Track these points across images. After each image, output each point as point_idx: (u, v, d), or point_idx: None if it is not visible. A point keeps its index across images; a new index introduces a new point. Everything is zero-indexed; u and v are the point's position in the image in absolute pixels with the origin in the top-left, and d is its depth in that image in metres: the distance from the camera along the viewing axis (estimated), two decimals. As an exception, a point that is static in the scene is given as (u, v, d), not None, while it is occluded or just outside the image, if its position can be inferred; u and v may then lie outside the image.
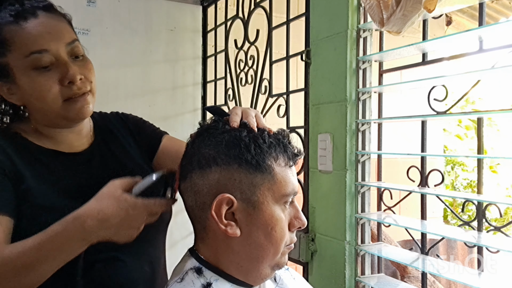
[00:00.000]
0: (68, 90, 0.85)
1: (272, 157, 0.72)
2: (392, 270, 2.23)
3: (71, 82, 0.85)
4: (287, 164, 0.73)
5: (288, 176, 0.73)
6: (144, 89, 2.02)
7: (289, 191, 0.72)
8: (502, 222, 2.34)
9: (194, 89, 2.15)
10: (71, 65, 0.85)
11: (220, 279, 0.72)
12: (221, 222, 0.70)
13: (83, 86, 0.87)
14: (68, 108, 0.86)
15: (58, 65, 0.84)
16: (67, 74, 0.84)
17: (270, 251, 0.72)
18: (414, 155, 1.12)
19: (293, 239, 0.77)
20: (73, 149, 0.92)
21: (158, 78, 2.05)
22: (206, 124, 0.77)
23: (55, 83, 0.84)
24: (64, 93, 0.85)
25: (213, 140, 0.73)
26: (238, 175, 0.70)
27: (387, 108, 1.23)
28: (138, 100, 2.00)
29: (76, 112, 0.87)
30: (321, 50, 1.30)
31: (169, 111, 2.07)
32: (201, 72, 2.16)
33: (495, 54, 0.93)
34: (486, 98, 3.80)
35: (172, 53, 2.08)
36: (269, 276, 0.76)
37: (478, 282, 0.91)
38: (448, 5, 0.94)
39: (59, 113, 0.86)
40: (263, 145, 0.71)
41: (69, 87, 0.85)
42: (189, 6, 2.13)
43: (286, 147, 0.74)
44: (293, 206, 0.75)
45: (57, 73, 0.84)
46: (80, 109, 0.87)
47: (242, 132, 0.73)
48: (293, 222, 0.75)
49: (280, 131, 0.77)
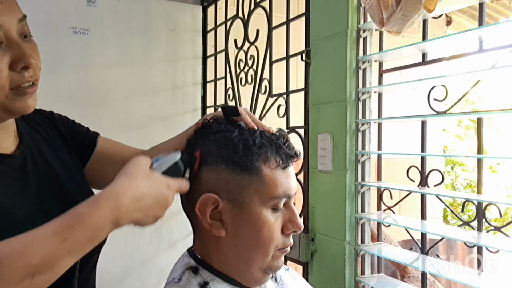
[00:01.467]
0: (19, 77, 0.70)
1: (262, 159, 0.70)
2: (392, 270, 2.23)
3: (25, 67, 0.70)
4: (279, 166, 0.72)
5: (279, 178, 0.71)
6: (144, 89, 2.02)
7: (279, 193, 0.71)
8: (502, 222, 2.34)
9: (194, 89, 2.15)
10: (24, 46, 0.71)
11: (217, 279, 0.72)
12: (206, 221, 0.71)
13: (34, 73, 0.73)
14: (14, 98, 0.71)
15: (9, 45, 0.69)
16: (22, 57, 0.70)
17: (258, 253, 0.71)
18: (414, 155, 1.12)
19: (287, 243, 0.74)
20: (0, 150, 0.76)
21: (158, 78, 2.05)
22: (207, 122, 0.77)
23: (4, 67, 0.69)
24: (14, 80, 0.70)
25: (206, 139, 0.73)
26: (225, 176, 0.70)
27: (387, 108, 1.23)
28: (138, 100, 2.00)
29: (22, 105, 0.72)
30: (321, 50, 1.31)
31: (169, 111, 2.07)
32: (201, 72, 2.16)
33: (495, 54, 0.92)
34: (486, 98, 3.79)
35: (172, 53, 2.08)
36: (263, 280, 0.75)
37: (478, 282, 0.91)
38: (448, 5, 0.94)
39: (1, 103, 0.70)
40: (252, 146, 0.71)
41: (20, 74, 0.70)
42: (189, 6, 2.13)
43: (280, 148, 0.72)
44: (288, 209, 0.74)
45: (7, 55, 0.69)
46: (27, 101, 0.72)
47: (233, 132, 0.72)
48: (287, 225, 0.73)
49: (277, 132, 0.76)
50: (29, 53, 0.70)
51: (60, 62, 1.82)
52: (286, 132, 0.79)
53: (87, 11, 1.89)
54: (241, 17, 1.80)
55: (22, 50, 0.70)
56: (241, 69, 1.81)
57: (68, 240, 0.58)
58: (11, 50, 0.69)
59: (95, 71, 1.89)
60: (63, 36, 1.83)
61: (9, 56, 0.69)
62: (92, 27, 1.90)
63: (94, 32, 1.90)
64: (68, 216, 0.60)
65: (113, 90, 1.95)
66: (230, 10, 1.93)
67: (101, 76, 1.91)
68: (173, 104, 2.09)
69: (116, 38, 1.95)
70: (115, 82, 1.95)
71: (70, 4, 1.85)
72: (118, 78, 1.96)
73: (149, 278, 1.98)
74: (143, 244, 1.98)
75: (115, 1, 1.95)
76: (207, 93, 2.15)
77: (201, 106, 2.16)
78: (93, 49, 1.89)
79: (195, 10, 2.14)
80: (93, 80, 1.89)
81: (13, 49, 0.69)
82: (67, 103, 1.82)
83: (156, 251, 2.01)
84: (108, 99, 1.93)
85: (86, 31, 1.88)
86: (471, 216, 1.82)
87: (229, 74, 1.91)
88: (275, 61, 1.59)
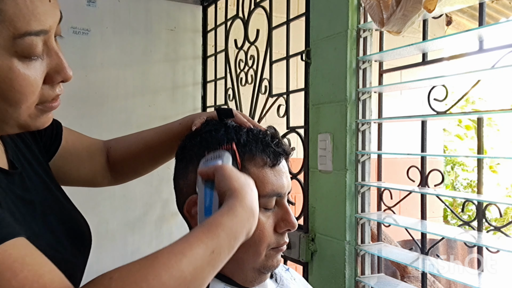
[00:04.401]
0: (52, 92, 0.59)
1: (247, 157, 0.69)
2: (392, 270, 2.23)
3: (62, 81, 0.60)
4: (267, 164, 0.70)
5: (267, 176, 0.70)
6: (144, 89, 2.02)
7: (267, 192, 0.69)
8: (502, 222, 2.35)
9: (194, 89, 2.15)
10: (63, 56, 0.60)
11: (214, 279, 0.72)
12: (193, 222, 0.70)
13: (61, 88, 0.62)
14: (37, 115, 0.59)
15: (47, 53, 0.57)
16: (62, 70, 0.59)
17: (249, 253, 0.69)
18: (414, 155, 1.12)
19: (281, 242, 0.72)
20: None
21: (158, 78, 2.05)
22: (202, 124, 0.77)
23: (40, 81, 0.57)
24: (46, 95, 0.59)
25: (196, 140, 0.73)
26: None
27: (387, 108, 1.23)
28: (138, 100, 2.00)
29: (43, 122, 0.61)
30: (321, 50, 1.31)
31: (169, 111, 2.07)
32: (201, 72, 2.16)
33: (495, 54, 0.92)
34: (486, 98, 3.80)
35: (172, 53, 2.08)
36: (258, 279, 0.73)
37: (478, 282, 0.91)
38: (448, 5, 0.94)
39: (22, 120, 0.58)
40: (237, 145, 0.69)
41: (52, 88, 0.60)
42: (189, 6, 2.13)
43: (267, 146, 0.71)
44: (281, 207, 0.72)
45: (45, 65, 0.57)
46: (48, 117, 0.62)
47: (219, 131, 0.72)
48: (280, 224, 0.71)
49: (266, 130, 0.74)
50: (68, 65, 0.59)
51: (60, 62, 1.82)
52: (277, 130, 0.76)
53: (87, 11, 1.89)
54: (241, 17, 1.80)
55: (61, 61, 0.58)
56: (241, 69, 1.81)
57: (215, 252, 0.53)
58: (49, 59, 0.58)
59: (95, 71, 1.89)
60: (63, 36, 1.83)
61: (46, 66, 0.57)
62: (92, 27, 1.90)
63: (94, 32, 1.90)
64: (211, 226, 0.55)
65: (113, 90, 1.95)
66: (230, 10, 1.93)
67: (101, 76, 1.91)
68: (173, 104, 2.09)
69: (116, 38, 1.95)
70: (115, 82, 1.95)
71: (70, 4, 1.85)
72: (118, 78, 1.96)
73: (149, 278, 1.98)
74: (143, 244, 1.98)
75: (115, 1, 1.95)
76: (207, 93, 2.15)
77: (201, 106, 2.16)
78: (93, 49, 1.89)
79: (195, 10, 2.15)
80: (93, 80, 1.89)
81: (51, 58, 0.58)
82: (67, 103, 1.82)
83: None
84: (108, 99, 1.94)
85: (86, 31, 1.88)
86: (471, 216, 1.82)
87: (229, 74, 1.91)
88: (275, 61, 1.59)
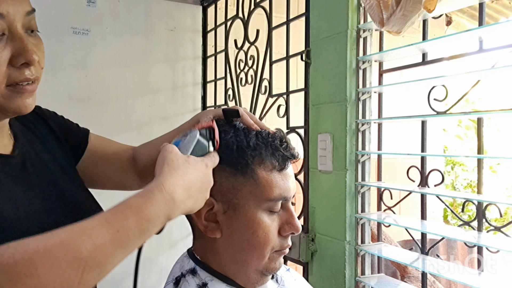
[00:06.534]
0: (18, 74, 0.66)
1: (256, 161, 0.69)
2: (392, 270, 2.23)
3: (25, 63, 0.66)
4: (275, 168, 0.71)
5: (275, 180, 0.70)
6: (144, 89, 2.02)
7: (274, 196, 0.70)
8: (502, 222, 2.34)
9: (194, 89, 2.15)
10: (28, 41, 0.67)
11: (215, 280, 0.72)
12: (201, 222, 0.70)
13: (36, 72, 0.68)
14: (10, 96, 0.66)
15: (12, 38, 0.65)
16: (24, 52, 0.65)
17: (253, 255, 0.70)
18: (414, 155, 1.12)
19: (285, 245, 0.73)
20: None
21: (158, 78, 2.05)
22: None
23: (3, 61, 0.64)
24: (12, 76, 0.65)
25: None
26: (219, 178, 0.69)
27: (387, 108, 1.23)
28: (138, 100, 2.00)
29: (19, 104, 0.68)
30: (321, 50, 1.31)
31: (169, 111, 2.07)
32: (201, 72, 2.16)
33: (495, 54, 0.92)
34: (486, 98, 3.79)
35: (172, 53, 2.08)
36: (260, 281, 0.74)
37: (478, 282, 0.91)
38: (448, 5, 0.94)
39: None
40: (246, 148, 0.70)
41: (20, 70, 0.66)
42: (189, 6, 2.13)
43: (276, 150, 0.71)
44: (286, 210, 0.73)
45: (8, 48, 0.65)
46: (25, 101, 0.68)
47: (228, 133, 0.71)
48: (285, 227, 0.72)
49: (275, 132, 0.74)
50: (32, 49, 0.66)
51: (60, 62, 1.82)
52: (285, 133, 0.77)
53: (87, 11, 1.89)
54: (241, 17, 1.81)
55: (24, 44, 0.65)
56: (241, 69, 1.81)
57: (121, 232, 0.53)
58: (13, 44, 0.65)
59: (95, 71, 1.89)
60: (63, 36, 1.83)
61: (10, 49, 0.64)
62: (92, 27, 1.90)
63: (94, 32, 1.90)
64: (120, 207, 0.55)
65: (113, 90, 1.95)
66: (230, 10, 1.93)
67: (101, 76, 1.91)
68: (173, 104, 2.09)
69: (116, 39, 1.95)
70: (115, 82, 1.95)
71: (70, 4, 1.85)
72: (118, 78, 1.96)
73: (149, 278, 1.98)
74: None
75: (115, 1, 1.95)
76: (207, 93, 2.15)
77: (201, 106, 2.16)
78: (93, 49, 1.89)
79: (195, 10, 2.15)
80: (93, 80, 1.89)
81: (15, 42, 0.65)
82: (67, 103, 1.82)
83: (156, 251, 2.01)
84: (108, 99, 1.93)
85: (86, 31, 1.88)
86: (471, 216, 1.82)
87: (229, 74, 1.91)
88: (275, 61, 1.59)
